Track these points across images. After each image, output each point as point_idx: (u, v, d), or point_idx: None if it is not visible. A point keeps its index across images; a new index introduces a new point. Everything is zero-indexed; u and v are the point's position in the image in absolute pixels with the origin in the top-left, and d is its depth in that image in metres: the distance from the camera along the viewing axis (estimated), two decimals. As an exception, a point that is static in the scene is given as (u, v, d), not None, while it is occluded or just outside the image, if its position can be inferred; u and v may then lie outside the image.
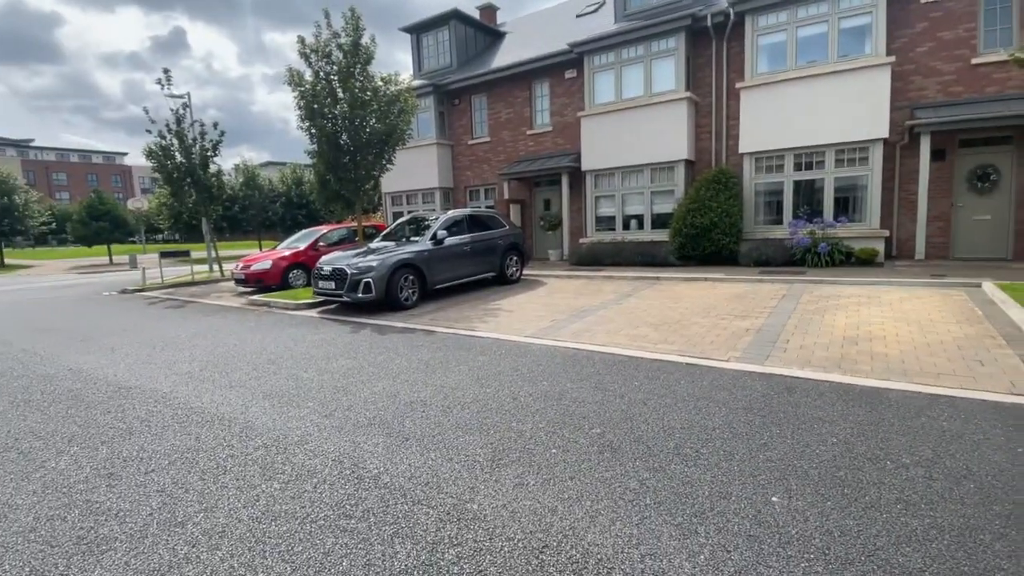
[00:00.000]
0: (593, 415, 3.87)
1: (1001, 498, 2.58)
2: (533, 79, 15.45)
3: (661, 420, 3.73)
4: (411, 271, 8.98)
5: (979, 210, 10.49)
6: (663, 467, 3.06)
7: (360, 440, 3.65)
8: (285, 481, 3.13)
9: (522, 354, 5.67)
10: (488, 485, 2.95)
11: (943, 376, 4.41)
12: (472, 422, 3.85)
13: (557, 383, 4.63)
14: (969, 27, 10.09)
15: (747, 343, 5.69)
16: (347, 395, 4.63)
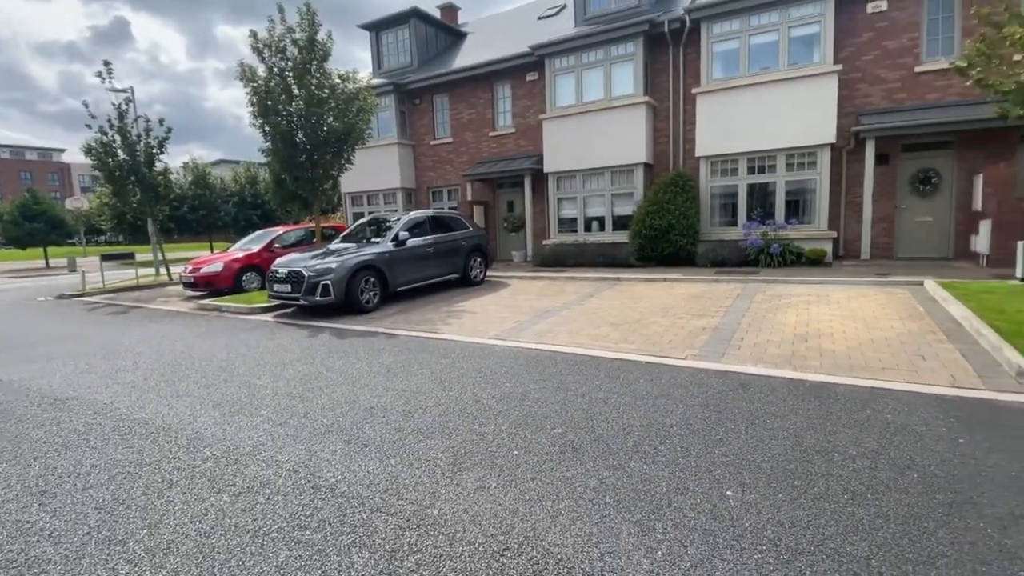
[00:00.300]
0: (555, 415, 3.88)
1: (943, 487, 2.72)
2: (495, 80, 15.46)
3: (621, 418, 3.77)
4: (372, 273, 8.80)
5: (921, 212, 11.12)
6: (623, 465, 3.08)
7: (317, 448, 3.53)
8: (236, 493, 3.00)
9: (485, 356, 5.63)
10: (449, 489, 2.91)
11: (887, 370, 4.63)
12: (434, 426, 3.79)
13: (520, 384, 4.62)
14: (913, 36, 10.68)
15: (704, 341, 5.84)
16: (303, 402, 4.48)
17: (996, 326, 5.35)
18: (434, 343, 6.36)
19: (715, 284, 9.63)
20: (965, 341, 5.32)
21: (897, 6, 10.66)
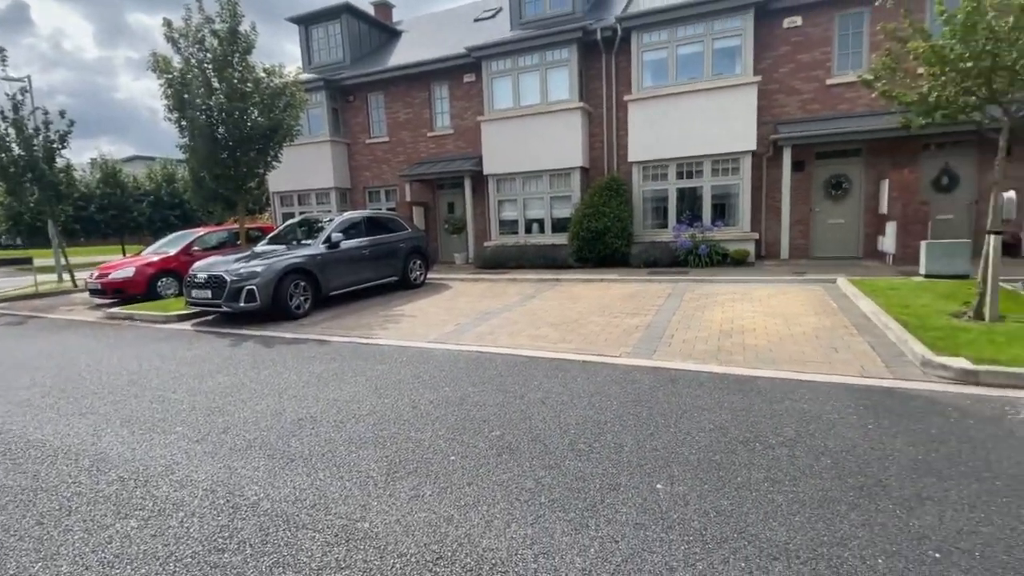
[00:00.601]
0: (493, 418, 3.84)
1: (854, 471, 2.91)
2: (432, 80, 15.27)
3: (558, 418, 3.79)
4: (302, 277, 8.41)
5: (834, 214, 12.01)
6: (558, 464, 3.09)
7: (237, 465, 3.31)
8: (145, 518, 2.75)
9: (424, 360, 5.51)
10: (382, 501, 2.80)
11: (804, 362, 4.93)
12: (367, 435, 3.65)
13: (459, 388, 4.54)
14: (825, 51, 11.52)
15: (637, 339, 6.00)
16: (223, 416, 4.19)
17: (902, 320, 5.84)
18: (370, 349, 6.15)
19: (648, 284, 9.95)
20: (874, 334, 5.76)
21: (811, 22, 11.48)
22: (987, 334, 5.16)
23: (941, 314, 6.03)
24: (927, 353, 4.67)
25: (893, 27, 6.11)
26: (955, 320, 5.78)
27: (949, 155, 11.00)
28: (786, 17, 11.58)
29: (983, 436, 3.27)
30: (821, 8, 11.31)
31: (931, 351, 4.70)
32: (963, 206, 10.99)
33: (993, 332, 5.23)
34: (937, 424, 3.46)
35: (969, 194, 10.91)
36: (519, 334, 6.51)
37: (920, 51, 5.68)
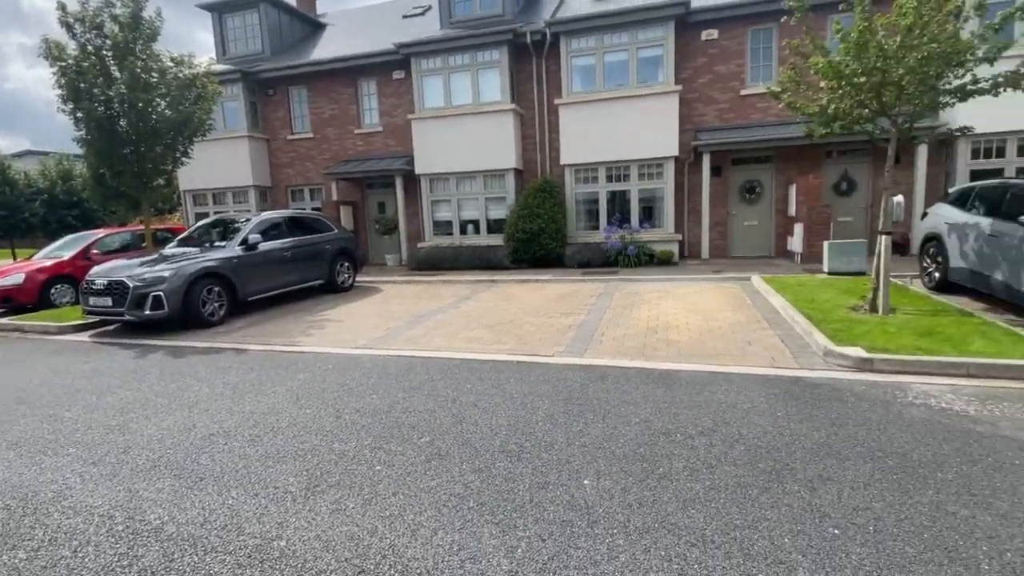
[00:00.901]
0: (423, 424, 3.75)
1: (765, 456, 3.08)
2: (359, 76, 14.81)
3: (490, 420, 3.76)
4: (217, 281, 7.85)
5: (749, 217, 12.80)
6: (488, 467, 3.06)
7: (140, 487, 3.03)
8: (34, 548, 2.47)
9: (351, 367, 5.31)
10: (300, 517, 2.65)
11: (721, 355, 5.20)
12: (286, 449, 3.45)
13: (388, 395, 4.41)
14: (739, 63, 12.25)
15: (570, 338, 6.09)
16: (124, 434, 3.83)
17: (807, 313, 6.30)
18: (292, 357, 5.84)
19: (581, 284, 10.17)
20: (783, 327, 6.17)
21: (726, 35, 12.19)
22: (880, 325, 5.66)
23: (841, 308, 6.56)
24: (828, 344, 5.07)
25: (797, 43, 6.59)
26: (853, 313, 6.30)
27: (848, 162, 12.05)
28: (704, 30, 12.23)
29: (876, 418, 3.57)
30: (735, 23, 12.05)
31: (832, 342, 5.10)
32: (860, 209, 12.07)
33: (885, 323, 5.75)
34: (837, 409, 3.75)
35: (865, 198, 11.99)
36: (453, 337, 6.43)
37: (820, 66, 6.16)
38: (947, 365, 4.52)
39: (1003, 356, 4.56)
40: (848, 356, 4.78)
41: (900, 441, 3.22)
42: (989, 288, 6.47)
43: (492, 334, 6.45)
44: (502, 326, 6.85)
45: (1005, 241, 6.14)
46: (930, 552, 2.20)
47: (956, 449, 3.10)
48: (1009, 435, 3.28)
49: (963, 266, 6.96)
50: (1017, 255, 5.90)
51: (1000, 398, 3.89)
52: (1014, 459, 2.96)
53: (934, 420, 3.52)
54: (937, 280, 7.62)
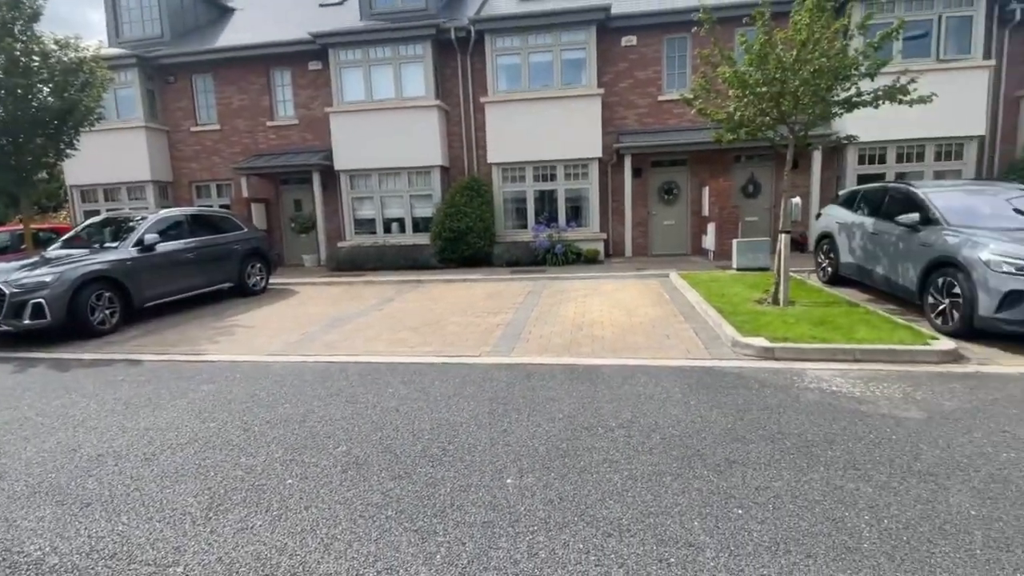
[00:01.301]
0: (341, 432, 3.58)
1: (678, 444, 3.21)
2: (272, 65, 14.00)
3: (412, 425, 3.66)
4: (107, 286, 7.09)
5: (667, 217, 13.44)
6: (409, 473, 2.97)
7: (16, 516, 2.68)
8: None
9: (262, 376, 4.98)
10: (200, 539, 2.43)
11: (641, 349, 5.40)
12: (185, 467, 3.17)
13: (302, 403, 4.18)
14: (656, 70, 12.80)
15: (497, 337, 6.09)
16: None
17: (718, 307, 6.68)
18: (195, 367, 5.39)
19: (510, 283, 10.21)
20: (697, 321, 6.51)
21: (644, 42, 12.70)
22: (780, 316, 6.11)
23: (748, 301, 7.03)
24: (736, 335, 5.40)
25: (707, 53, 6.98)
26: (758, 306, 6.77)
27: (754, 166, 12.96)
28: (623, 36, 12.69)
29: (777, 403, 3.84)
30: (652, 31, 12.59)
31: (739, 333, 5.45)
32: (764, 210, 13.02)
33: (785, 315, 6.22)
34: (743, 396, 3.99)
35: (769, 199, 12.95)
36: (375, 340, 6.22)
37: (726, 76, 6.56)
38: (837, 351, 4.96)
39: (883, 342, 5.07)
40: (753, 346, 5.12)
41: (797, 423, 3.48)
42: (872, 281, 7.19)
43: (417, 336, 6.31)
44: (428, 327, 6.73)
45: (884, 239, 6.84)
46: (821, 524, 2.38)
47: (844, 428, 3.40)
48: (887, 412, 3.64)
49: (851, 261, 7.69)
50: (895, 251, 6.59)
51: (881, 379, 4.32)
52: (891, 434, 3.29)
53: (826, 402, 3.84)
54: (830, 274, 8.37)
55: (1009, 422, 3.45)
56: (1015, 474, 2.80)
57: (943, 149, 11.67)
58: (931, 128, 11.07)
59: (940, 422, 3.47)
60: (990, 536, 2.28)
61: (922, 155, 11.73)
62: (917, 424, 3.44)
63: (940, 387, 4.12)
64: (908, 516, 2.43)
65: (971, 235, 5.54)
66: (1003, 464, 2.90)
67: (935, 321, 5.73)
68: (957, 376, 4.40)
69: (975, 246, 5.35)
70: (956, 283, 5.43)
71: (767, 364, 4.81)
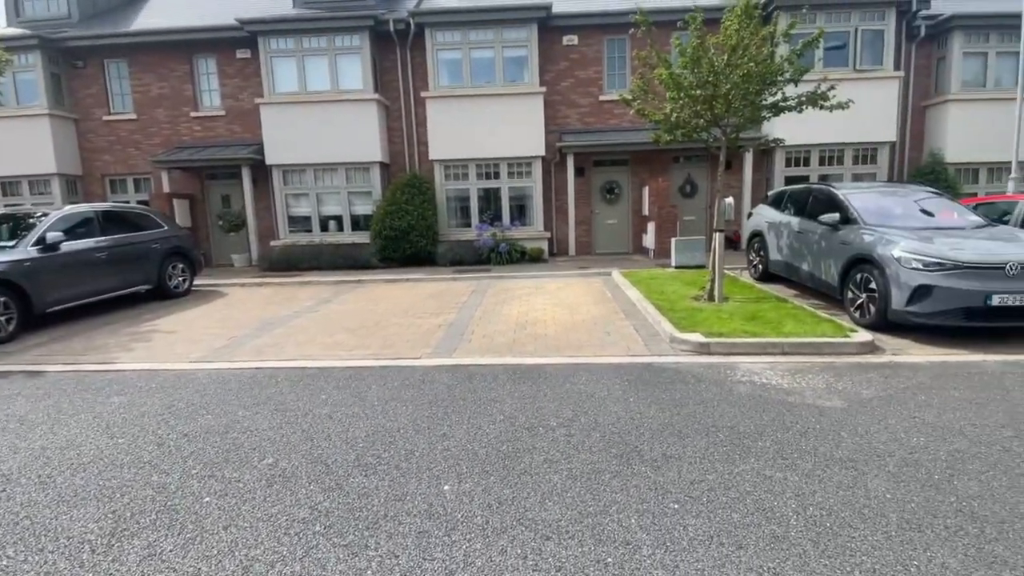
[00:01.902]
0: (267, 444, 3.35)
1: (617, 442, 3.22)
2: (195, 52, 13.12)
3: (345, 433, 3.48)
4: (3, 290, 6.39)
5: (610, 216, 13.69)
6: (340, 484, 2.81)
7: None
8: None
9: (181, 385, 4.61)
10: (100, 570, 2.19)
11: (583, 347, 5.42)
12: (87, 489, 2.86)
13: (226, 414, 3.89)
14: (597, 70, 12.98)
15: (439, 338, 5.95)
16: None
17: (657, 304, 6.84)
18: (105, 377, 4.92)
19: (453, 282, 10.06)
20: (637, 318, 6.64)
21: (585, 42, 12.86)
22: (716, 312, 6.33)
23: (685, 298, 7.24)
24: (673, 331, 5.54)
25: (644, 54, 7.12)
26: (695, 303, 6.98)
27: (691, 167, 13.43)
28: (565, 35, 12.80)
29: (711, 396, 3.94)
30: (592, 31, 12.78)
31: (676, 329, 5.59)
32: (701, 209, 13.52)
33: (720, 311, 6.44)
34: (680, 391, 4.08)
35: (705, 199, 13.46)
36: (309, 343, 5.93)
37: (663, 77, 6.72)
38: (767, 345, 5.18)
39: (808, 335, 5.34)
40: (689, 341, 5.26)
41: (729, 416, 3.58)
42: (799, 278, 7.59)
43: (355, 338, 6.07)
44: (366, 329, 6.49)
45: (809, 237, 7.23)
46: (752, 515, 2.43)
47: (773, 419, 3.52)
48: (811, 403, 3.81)
49: (780, 259, 8.09)
50: (818, 249, 6.98)
51: (806, 371, 4.53)
52: (815, 424, 3.44)
53: (756, 395, 3.98)
54: (760, 271, 8.78)
55: (919, 409, 3.69)
56: (924, 458, 2.99)
57: (860, 153, 12.55)
58: (850, 134, 11.87)
59: (859, 410, 3.67)
60: (903, 518, 2.41)
61: (842, 159, 12.56)
62: (839, 413, 3.62)
63: (859, 377, 4.37)
64: (831, 503, 2.53)
65: (884, 233, 5.94)
66: (914, 448, 3.09)
67: (854, 315, 6.11)
68: (874, 366, 4.69)
69: (888, 244, 5.74)
70: (872, 279, 5.80)
71: (703, 359, 4.95)
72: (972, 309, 5.20)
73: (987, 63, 12.20)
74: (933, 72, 12.74)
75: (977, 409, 3.68)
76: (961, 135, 12.23)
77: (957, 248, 5.47)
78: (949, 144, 12.28)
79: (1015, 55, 12.05)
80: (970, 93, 12.22)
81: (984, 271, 5.25)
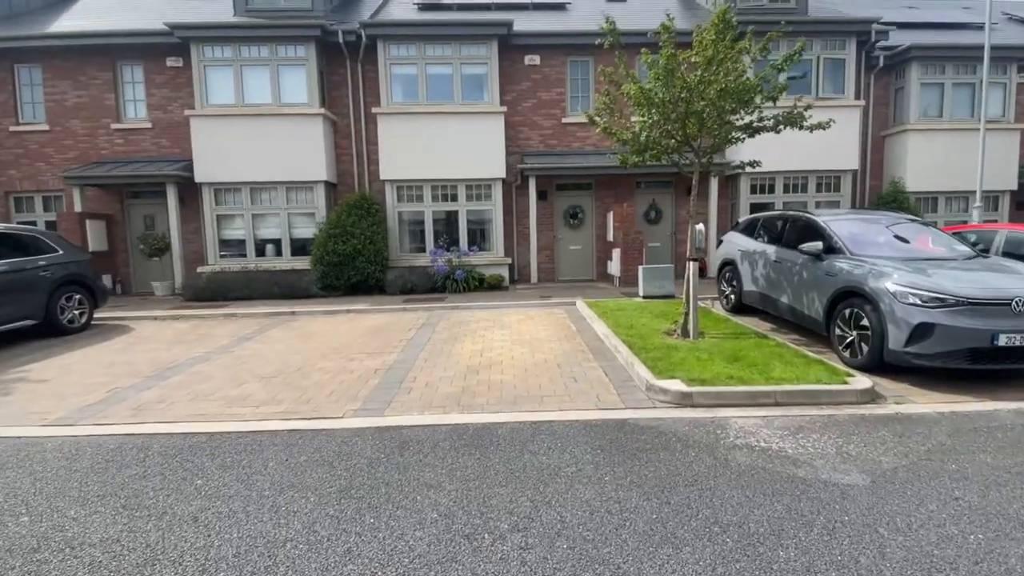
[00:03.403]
0: (83, 570, 2.28)
1: (592, 558, 2.32)
2: (120, 58, 11.86)
3: (207, 549, 2.44)
4: None
5: (573, 241, 13.01)
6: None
7: None
8: None
9: (15, 462, 3.45)
10: None
11: (546, 398, 4.54)
12: None
13: (51, 514, 2.78)
14: (560, 91, 12.43)
15: (373, 387, 4.96)
16: None
17: (628, 341, 6.06)
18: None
19: (402, 313, 9.07)
20: (606, 357, 5.83)
21: (547, 62, 12.33)
22: (693, 351, 5.59)
23: (657, 333, 6.51)
24: (650, 377, 4.73)
25: (611, 71, 6.50)
26: (668, 338, 6.25)
27: (655, 193, 12.97)
28: (527, 55, 12.25)
29: (704, 471, 3.12)
30: (555, 51, 12.27)
31: (652, 374, 4.79)
32: (666, 236, 13.04)
33: (697, 349, 5.71)
34: (666, 463, 3.23)
35: (670, 226, 13.00)
36: (207, 397, 4.80)
37: (632, 92, 6.07)
38: (758, 395, 4.43)
39: (800, 381, 4.63)
40: (669, 391, 4.46)
41: (733, 504, 2.75)
42: (776, 310, 6.97)
43: (267, 390, 4.98)
44: (285, 377, 5.41)
45: (788, 267, 6.64)
46: None
47: (788, 508, 2.71)
48: (827, 478, 3.04)
49: (754, 290, 7.48)
50: (799, 280, 6.38)
51: (808, 429, 3.78)
52: (841, 515, 2.65)
53: (759, 467, 3.18)
54: (733, 303, 8.17)
55: (956, 485, 2.97)
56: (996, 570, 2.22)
57: (823, 181, 12.37)
58: (814, 161, 11.68)
59: (887, 490, 2.91)
60: None
61: (806, 186, 12.35)
62: (864, 496, 2.85)
63: (869, 436, 3.65)
64: None
65: (875, 264, 5.37)
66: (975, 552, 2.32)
67: (843, 354, 5.48)
68: (881, 420, 4.00)
69: (880, 276, 5.16)
70: (864, 315, 5.19)
71: (687, 413, 4.14)
72: (978, 350, 4.62)
73: (943, 93, 12.32)
74: (891, 102, 12.80)
75: (1022, 482, 2.99)
76: (920, 164, 12.24)
77: (957, 281, 4.92)
78: (909, 173, 12.26)
79: (970, 86, 12.27)
80: (928, 123, 12.29)
81: (988, 307, 4.70)
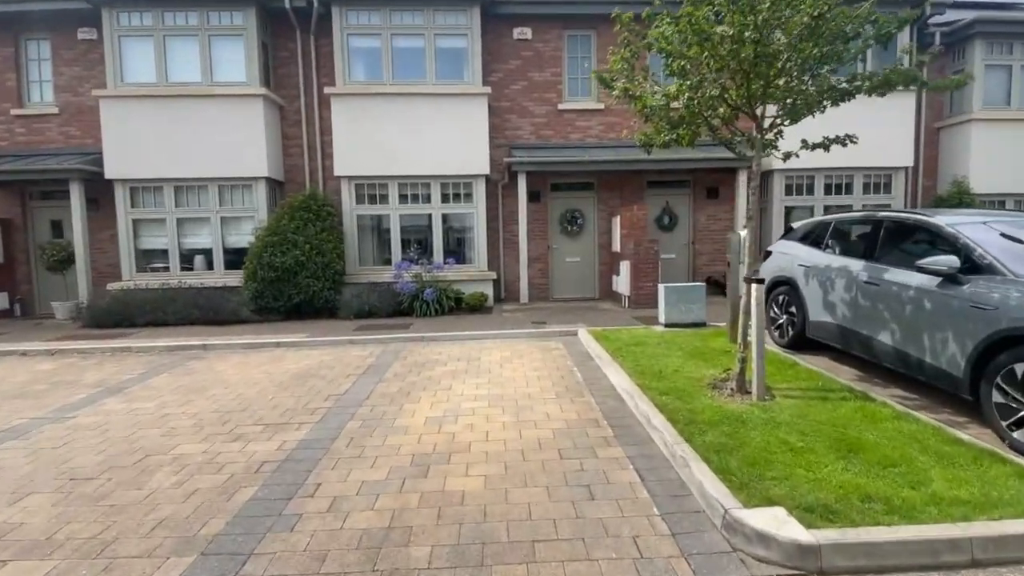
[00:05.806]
0: None
1: None
2: (22, 32, 9.72)
3: None
4: None
5: (571, 252, 10.90)
6: None
7: None
8: None
9: None
10: None
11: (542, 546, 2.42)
12: None
13: None
14: (556, 72, 10.39)
15: (237, 511, 2.81)
16: None
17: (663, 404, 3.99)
18: None
19: (348, 348, 6.90)
20: (635, 436, 3.74)
21: (540, 37, 10.29)
22: (772, 428, 3.54)
23: (700, 386, 4.51)
24: (727, 501, 2.62)
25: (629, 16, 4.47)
26: (720, 396, 4.22)
27: (669, 194, 10.88)
28: (516, 27, 10.20)
29: None
30: (550, 23, 10.24)
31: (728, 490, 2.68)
32: (682, 246, 10.95)
33: (776, 423, 3.63)
34: None
35: (687, 233, 10.92)
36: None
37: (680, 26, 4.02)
38: (937, 544, 2.33)
39: (999, 506, 2.53)
40: (774, 540, 2.34)
41: None
42: (869, 352, 4.86)
43: (51, 514, 2.77)
44: (107, 478, 3.23)
45: (891, 292, 4.55)
46: None
47: None
48: None
49: (829, 320, 5.37)
50: (913, 312, 4.28)
51: None
52: None
53: None
54: (791, 336, 6.06)
55: None
56: None
57: (872, 180, 10.35)
58: (860, 157, 9.52)
59: None
60: None
61: (851, 187, 10.32)
62: None
63: None
64: None
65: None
66: None
67: (1013, 435, 3.38)
68: None
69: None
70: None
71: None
72: None
73: (1011, 77, 10.37)
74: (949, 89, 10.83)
75: None
76: (985, 160, 10.26)
77: None
78: (973, 170, 10.27)
79: (1047, 68, 10.34)
80: (995, 112, 10.32)
81: None
